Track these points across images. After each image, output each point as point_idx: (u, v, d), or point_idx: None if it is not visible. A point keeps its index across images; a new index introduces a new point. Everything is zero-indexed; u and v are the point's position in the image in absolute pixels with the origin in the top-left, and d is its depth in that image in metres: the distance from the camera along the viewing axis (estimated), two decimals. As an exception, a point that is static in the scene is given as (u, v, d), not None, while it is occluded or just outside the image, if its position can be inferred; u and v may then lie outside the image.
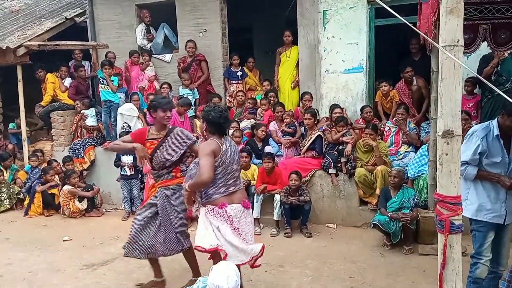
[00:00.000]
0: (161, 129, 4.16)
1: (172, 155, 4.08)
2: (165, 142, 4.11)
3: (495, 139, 3.23)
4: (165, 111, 4.09)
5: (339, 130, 6.05)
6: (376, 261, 4.91)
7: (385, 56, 7.20)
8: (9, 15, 9.91)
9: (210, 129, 3.64)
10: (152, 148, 4.10)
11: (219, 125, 3.62)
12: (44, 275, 4.73)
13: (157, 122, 4.17)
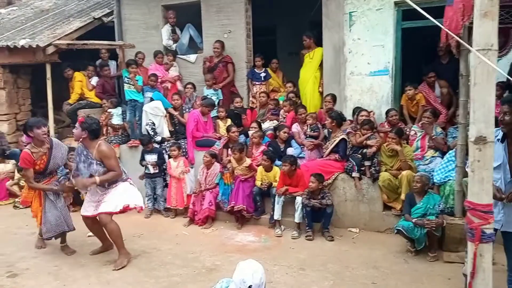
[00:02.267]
0: (42, 144, 4.95)
1: (61, 161, 5.19)
2: (53, 153, 5.02)
3: (497, 143, 3.16)
4: (39, 127, 4.87)
5: (364, 133, 5.98)
6: (399, 267, 4.83)
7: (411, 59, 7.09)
8: (39, 14, 10.17)
9: (92, 136, 4.77)
10: (45, 161, 4.98)
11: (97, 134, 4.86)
12: (69, 269, 4.84)
13: (36, 139, 4.92)
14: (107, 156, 4.75)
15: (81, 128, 4.74)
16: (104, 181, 4.79)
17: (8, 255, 5.25)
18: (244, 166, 6.32)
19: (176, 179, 6.69)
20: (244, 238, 5.79)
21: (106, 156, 4.74)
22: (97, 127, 4.87)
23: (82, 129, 4.74)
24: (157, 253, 5.29)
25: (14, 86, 8.86)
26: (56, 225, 5.11)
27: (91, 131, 4.75)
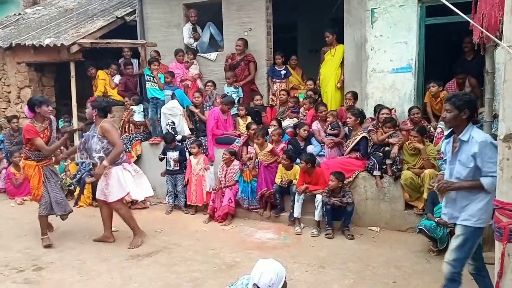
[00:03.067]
0: (43, 120, 5.28)
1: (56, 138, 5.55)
2: (53, 128, 5.43)
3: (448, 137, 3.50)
4: (48, 106, 5.29)
5: (386, 131, 5.91)
6: (421, 267, 4.76)
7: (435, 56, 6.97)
8: (63, 13, 10.37)
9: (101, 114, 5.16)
10: (47, 135, 5.31)
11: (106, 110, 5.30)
12: (92, 264, 4.93)
13: (40, 116, 5.23)
14: (108, 130, 5.10)
15: (92, 106, 5.21)
16: (112, 160, 5.13)
17: (34, 248, 5.39)
18: (266, 151, 6.32)
19: (196, 176, 6.74)
20: (264, 235, 5.80)
21: (106, 130, 5.10)
22: (106, 105, 5.35)
23: (93, 108, 5.19)
24: (178, 249, 5.34)
25: (39, 84, 9.07)
26: (65, 205, 5.59)
27: (100, 109, 5.19)
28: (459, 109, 3.36)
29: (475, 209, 3.36)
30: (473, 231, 3.39)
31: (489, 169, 3.24)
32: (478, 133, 3.36)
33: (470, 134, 3.35)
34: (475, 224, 3.37)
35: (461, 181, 3.40)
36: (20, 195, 7.56)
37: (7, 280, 4.53)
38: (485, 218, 3.38)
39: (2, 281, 4.43)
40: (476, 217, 3.36)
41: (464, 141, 3.37)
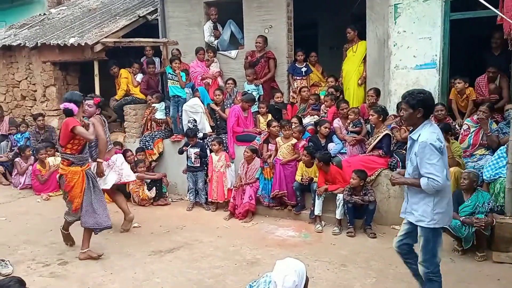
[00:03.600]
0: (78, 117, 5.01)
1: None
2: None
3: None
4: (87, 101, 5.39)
5: (409, 129, 5.81)
6: (445, 266, 4.62)
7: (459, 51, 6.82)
8: (87, 13, 10.55)
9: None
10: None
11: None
12: (116, 258, 5.02)
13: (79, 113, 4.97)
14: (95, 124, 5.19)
15: (96, 106, 5.57)
16: (103, 154, 5.39)
17: (60, 243, 5.50)
18: (290, 143, 6.31)
19: (217, 173, 6.78)
20: (284, 233, 5.80)
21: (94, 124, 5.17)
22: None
23: (97, 107, 5.59)
24: (199, 245, 5.39)
25: (64, 83, 9.26)
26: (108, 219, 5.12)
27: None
28: (413, 108, 3.38)
29: (427, 209, 3.38)
30: (430, 232, 3.41)
31: (426, 169, 3.27)
32: (424, 133, 3.35)
33: (420, 134, 3.37)
34: (428, 225, 3.39)
35: (407, 178, 3.53)
36: (45, 191, 7.73)
37: (34, 274, 4.65)
38: (439, 219, 3.39)
39: (30, 274, 4.55)
40: (429, 218, 3.38)
41: (414, 139, 3.41)
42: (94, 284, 4.44)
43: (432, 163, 3.25)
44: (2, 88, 9.97)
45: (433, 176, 3.26)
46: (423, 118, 3.38)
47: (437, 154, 3.26)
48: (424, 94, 3.44)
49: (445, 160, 3.38)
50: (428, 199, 3.38)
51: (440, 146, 3.29)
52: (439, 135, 3.37)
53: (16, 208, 7.04)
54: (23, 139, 8.80)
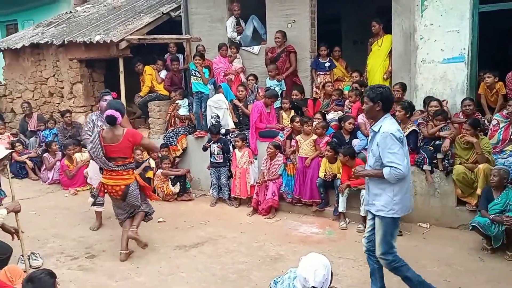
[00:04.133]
0: None
1: None
2: None
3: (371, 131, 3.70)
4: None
5: (436, 124, 5.69)
6: (474, 265, 4.58)
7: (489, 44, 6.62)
8: (112, 11, 10.69)
9: None
10: None
11: None
12: (141, 253, 5.09)
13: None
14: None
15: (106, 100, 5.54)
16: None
17: (87, 237, 5.63)
18: (311, 139, 6.27)
19: (240, 169, 6.79)
20: (308, 230, 5.77)
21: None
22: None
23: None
24: (223, 241, 5.42)
25: (90, 79, 9.43)
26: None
27: None
28: (373, 101, 3.55)
29: (387, 199, 3.53)
30: (389, 222, 3.57)
31: (388, 159, 3.44)
32: (385, 125, 3.52)
33: (381, 125, 3.53)
34: (387, 214, 3.54)
35: (370, 169, 3.64)
36: (73, 186, 7.90)
37: (63, 267, 4.77)
38: (398, 209, 3.54)
39: (59, 267, 4.66)
40: (389, 208, 3.52)
41: (375, 131, 3.57)
42: (121, 278, 4.52)
43: (393, 152, 3.42)
44: (30, 85, 10.22)
45: (395, 165, 3.41)
46: (382, 111, 3.57)
47: (398, 144, 3.44)
48: (383, 89, 3.61)
49: (406, 150, 3.55)
50: (388, 189, 3.52)
51: (400, 136, 3.49)
52: (399, 127, 3.59)
53: (45, 202, 7.22)
54: (51, 135, 9.01)
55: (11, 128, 10.35)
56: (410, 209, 3.69)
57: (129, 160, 4.86)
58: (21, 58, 10.25)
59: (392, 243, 3.62)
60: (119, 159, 4.76)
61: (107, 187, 4.88)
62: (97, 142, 4.76)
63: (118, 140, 4.71)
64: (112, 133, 4.73)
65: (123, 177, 4.79)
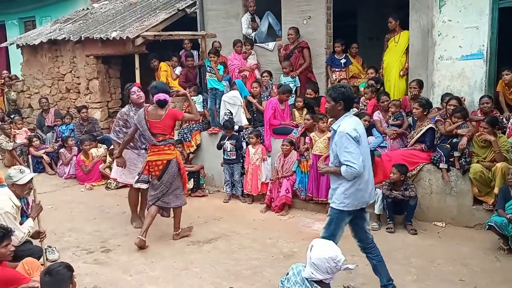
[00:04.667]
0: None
1: None
2: None
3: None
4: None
5: (454, 122, 5.60)
6: (490, 265, 4.51)
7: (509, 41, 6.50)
8: (128, 7, 10.77)
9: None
10: None
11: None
12: (156, 247, 5.14)
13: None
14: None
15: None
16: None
17: (103, 231, 5.70)
18: (326, 137, 6.23)
19: (253, 165, 6.80)
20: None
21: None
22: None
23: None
24: (236, 237, 5.43)
25: (106, 76, 9.52)
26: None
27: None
28: (335, 101, 3.67)
29: (339, 193, 3.70)
30: (337, 213, 3.74)
31: (344, 157, 3.58)
32: (343, 124, 3.64)
33: (339, 124, 3.65)
34: (338, 206, 3.72)
35: (330, 166, 3.81)
36: (89, 181, 8.00)
37: (79, 260, 4.84)
38: (349, 203, 3.68)
39: (75, 261, 4.72)
40: (340, 201, 3.69)
41: (335, 130, 3.69)
42: (136, 272, 4.57)
43: (349, 151, 3.55)
44: (48, 81, 10.37)
45: (350, 164, 3.55)
46: (343, 110, 3.68)
47: (353, 143, 3.56)
48: (344, 88, 3.73)
49: (363, 148, 3.66)
50: (343, 184, 3.68)
51: (356, 136, 3.58)
52: (357, 126, 3.66)
53: (61, 197, 7.33)
54: (68, 131, 9.13)
55: (29, 123, 10.52)
56: (364, 204, 3.81)
57: (169, 136, 5.22)
58: (39, 54, 10.41)
59: (334, 233, 3.78)
60: (159, 135, 5.14)
61: (151, 164, 5.18)
62: (142, 116, 5.17)
63: (161, 117, 5.12)
64: (156, 111, 5.14)
65: (165, 152, 5.15)
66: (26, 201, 4.54)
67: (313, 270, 2.83)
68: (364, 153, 3.67)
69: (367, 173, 3.73)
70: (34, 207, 4.38)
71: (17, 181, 4.21)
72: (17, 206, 4.17)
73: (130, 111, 5.74)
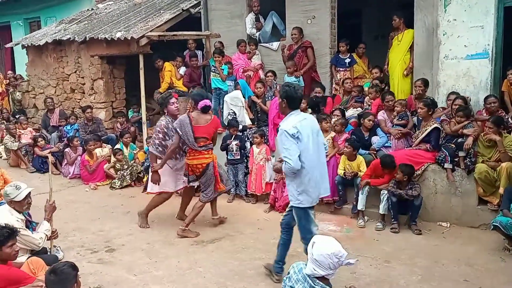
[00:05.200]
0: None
1: None
2: None
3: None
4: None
5: (459, 121, 5.57)
6: (495, 265, 4.49)
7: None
8: (132, 7, 10.79)
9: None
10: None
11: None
12: (160, 247, 5.15)
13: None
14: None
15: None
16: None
17: (107, 231, 5.72)
18: (330, 137, 6.23)
19: (257, 165, 6.79)
20: (325, 227, 5.73)
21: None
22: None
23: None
24: (240, 237, 5.43)
25: (111, 76, 9.53)
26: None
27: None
28: (281, 98, 3.89)
29: (292, 190, 3.88)
30: (297, 211, 3.93)
31: (283, 154, 3.77)
32: (285, 122, 3.84)
33: (283, 122, 3.87)
34: (294, 204, 3.91)
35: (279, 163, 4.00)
36: (93, 180, 8.02)
37: (83, 260, 4.85)
38: (303, 200, 3.83)
39: (79, 260, 4.73)
40: (294, 198, 3.88)
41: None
42: (140, 271, 4.58)
43: (286, 148, 3.72)
44: (53, 81, 10.41)
45: (287, 160, 3.73)
46: (288, 108, 3.85)
47: (291, 140, 3.71)
48: (288, 88, 3.88)
49: (304, 145, 3.76)
50: (293, 181, 3.85)
51: (294, 133, 3.71)
52: (300, 124, 3.76)
53: (66, 196, 7.35)
54: (73, 131, 9.16)
55: (34, 123, 10.58)
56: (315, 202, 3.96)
57: (209, 142, 5.47)
58: (44, 55, 10.45)
59: (308, 229, 3.94)
60: (201, 140, 5.36)
61: (191, 166, 5.47)
62: (187, 121, 5.32)
63: (207, 122, 5.39)
64: (200, 116, 5.38)
65: (204, 156, 5.41)
66: (28, 213, 4.54)
67: (315, 266, 2.84)
68: (306, 149, 3.77)
69: (315, 170, 3.85)
70: (48, 207, 4.41)
71: (14, 198, 4.22)
72: (21, 219, 4.21)
73: (169, 123, 5.66)
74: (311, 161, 3.79)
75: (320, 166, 3.95)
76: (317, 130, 3.99)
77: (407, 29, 6.94)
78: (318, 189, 3.93)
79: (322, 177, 3.98)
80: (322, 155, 4.03)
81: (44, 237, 4.22)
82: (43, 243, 4.23)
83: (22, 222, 4.21)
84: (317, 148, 3.91)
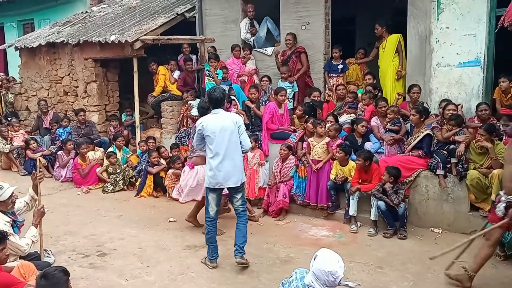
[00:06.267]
0: None
1: None
2: None
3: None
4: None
5: (451, 129, 5.62)
6: (486, 272, 4.50)
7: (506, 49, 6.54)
8: (127, 11, 10.78)
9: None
10: None
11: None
12: (152, 252, 5.12)
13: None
14: None
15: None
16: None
17: (99, 235, 5.67)
18: (324, 142, 6.25)
19: (250, 170, 6.79)
20: (318, 232, 5.74)
21: None
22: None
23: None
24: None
25: (104, 79, 9.49)
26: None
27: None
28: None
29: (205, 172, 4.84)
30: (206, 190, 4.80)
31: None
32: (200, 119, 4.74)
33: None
34: (205, 184, 4.77)
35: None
36: (86, 184, 7.96)
37: (74, 264, 4.81)
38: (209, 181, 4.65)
39: (70, 265, 4.70)
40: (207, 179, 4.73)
41: None
42: (131, 276, 4.55)
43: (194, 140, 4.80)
44: (46, 83, 10.34)
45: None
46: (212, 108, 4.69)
47: (197, 135, 4.67)
48: (211, 89, 4.78)
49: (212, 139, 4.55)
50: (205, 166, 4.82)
51: (199, 129, 4.61)
52: (209, 122, 4.57)
53: (57, 200, 7.29)
54: (65, 134, 9.11)
55: (26, 126, 10.50)
56: (220, 185, 4.64)
57: None
58: (37, 57, 10.39)
59: (208, 210, 4.75)
60: None
61: None
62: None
63: None
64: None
65: None
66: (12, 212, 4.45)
67: (313, 279, 2.84)
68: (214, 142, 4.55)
69: (217, 160, 4.56)
70: (36, 212, 4.33)
71: None
72: (8, 221, 4.09)
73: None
74: (219, 153, 4.55)
75: (226, 158, 4.58)
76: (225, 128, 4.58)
77: (390, 35, 7.02)
78: (221, 178, 4.60)
79: (228, 169, 4.60)
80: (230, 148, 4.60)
81: (30, 243, 4.12)
82: (29, 249, 4.15)
83: (9, 225, 4.11)
84: (223, 142, 4.56)
